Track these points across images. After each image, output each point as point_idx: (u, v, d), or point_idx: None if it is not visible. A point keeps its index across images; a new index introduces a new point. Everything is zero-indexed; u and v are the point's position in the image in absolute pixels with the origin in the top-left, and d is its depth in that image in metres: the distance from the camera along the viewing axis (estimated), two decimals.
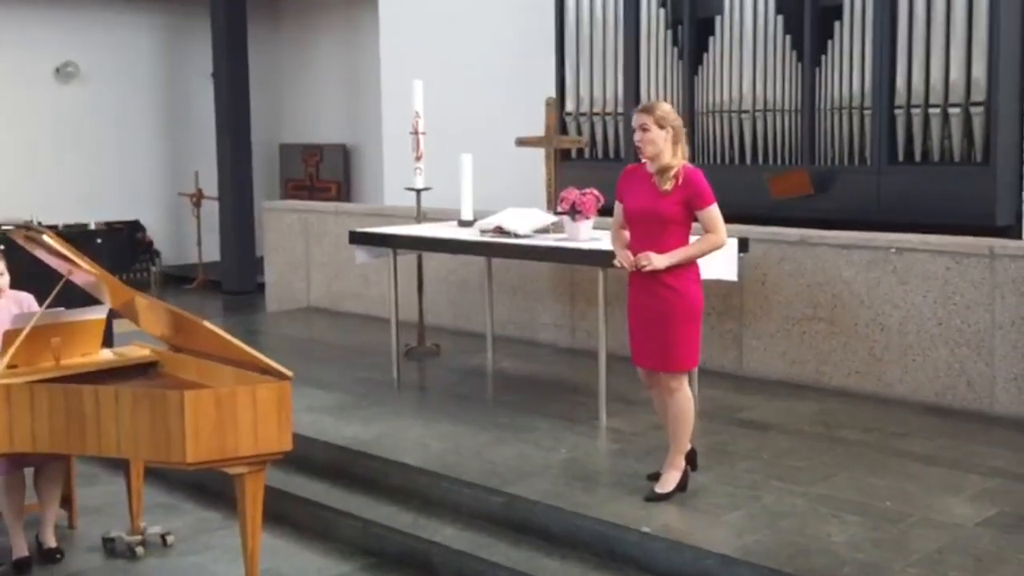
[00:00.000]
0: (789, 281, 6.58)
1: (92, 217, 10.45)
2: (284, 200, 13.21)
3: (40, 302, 4.94)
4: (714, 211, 4.54)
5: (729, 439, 5.44)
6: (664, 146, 4.53)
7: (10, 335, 4.55)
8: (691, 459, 4.80)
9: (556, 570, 4.36)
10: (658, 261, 4.50)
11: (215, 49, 13.42)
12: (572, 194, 6.09)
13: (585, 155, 8.82)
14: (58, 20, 13.42)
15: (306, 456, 5.29)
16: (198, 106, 14.53)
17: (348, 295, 9.54)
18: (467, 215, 7.09)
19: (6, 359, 4.42)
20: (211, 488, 5.70)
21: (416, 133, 7.61)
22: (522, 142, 7.54)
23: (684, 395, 4.64)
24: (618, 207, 4.80)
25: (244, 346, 4.24)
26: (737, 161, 7.83)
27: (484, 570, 4.48)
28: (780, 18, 7.52)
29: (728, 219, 5.95)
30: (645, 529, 4.32)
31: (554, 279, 7.94)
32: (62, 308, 4.68)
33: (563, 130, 8.89)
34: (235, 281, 13.26)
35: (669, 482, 4.66)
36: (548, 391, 6.63)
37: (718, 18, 7.85)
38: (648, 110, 4.56)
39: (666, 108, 4.59)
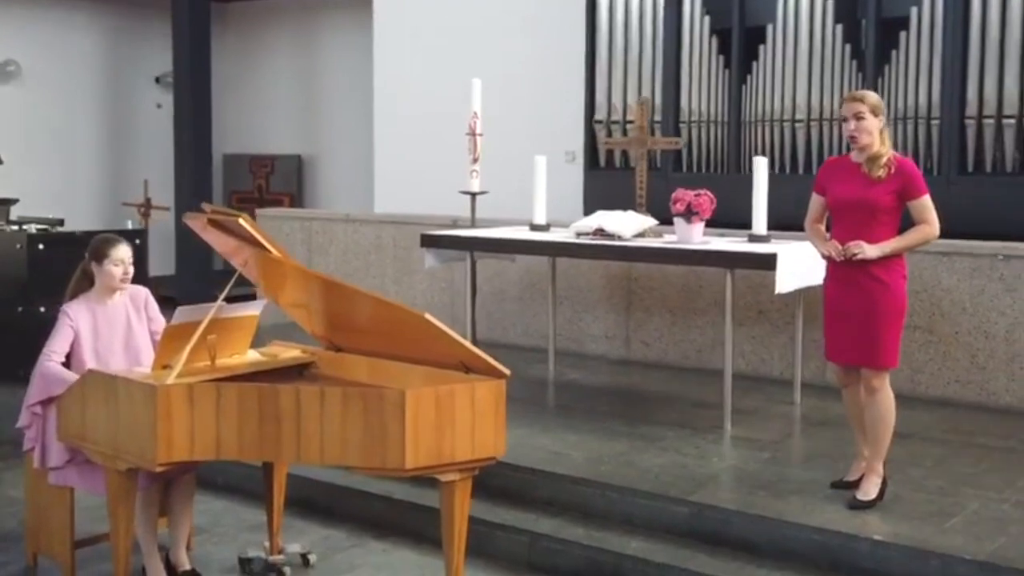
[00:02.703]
0: None
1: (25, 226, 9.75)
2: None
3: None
4: (928, 201, 4.41)
5: None
6: (876, 134, 4.39)
7: (175, 331, 4.07)
8: None
9: None
10: (870, 251, 4.34)
11: (175, 52, 12.81)
12: (687, 195, 5.87)
13: (616, 164, 8.63)
14: (0, 17, 12.60)
15: None
16: (146, 112, 13.84)
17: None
18: (540, 219, 6.80)
19: (183, 356, 3.94)
20: (320, 505, 5.28)
21: (473, 134, 7.29)
22: (610, 144, 7.29)
23: (887, 396, 4.47)
24: (816, 200, 4.66)
25: (459, 339, 3.87)
26: (788, 170, 7.74)
27: None
28: (839, 27, 7.48)
29: (785, 229, 5.87)
30: (877, 537, 4.11)
31: (608, 289, 7.70)
32: (223, 302, 4.22)
33: (593, 140, 8.72)
34: (193, 296, 12.56)
35: (871, 489, 4.47)
36: (642, 402, 6.39)
37: (770, 26, 7.77)
38: (860, 98, 4.42)
39: (875, 96, 4.47)
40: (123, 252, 4.38)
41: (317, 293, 4.20)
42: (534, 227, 6.77)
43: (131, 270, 4.41)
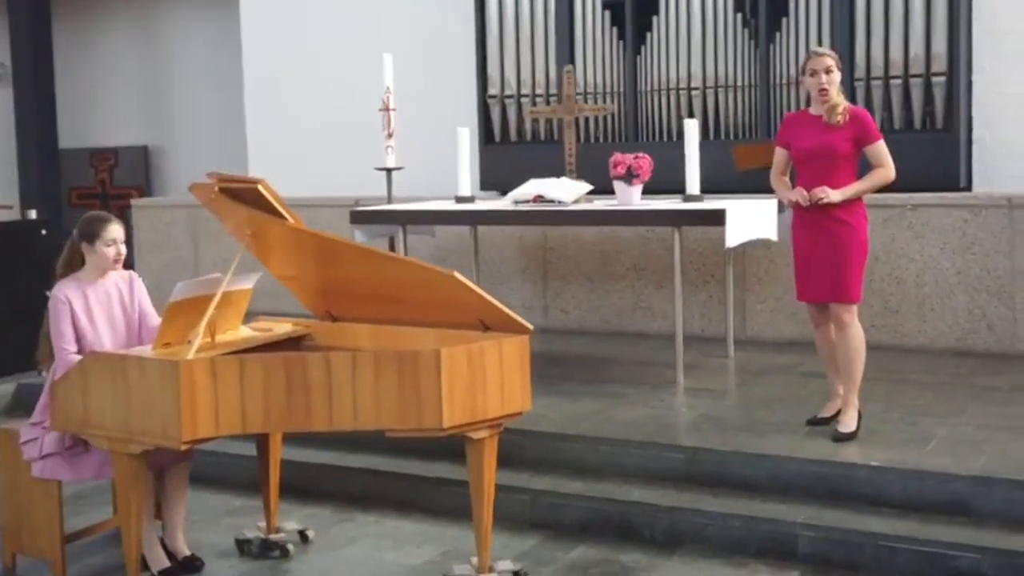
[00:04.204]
0: None
1: None
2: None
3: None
4: (883, 146, 4.72)
5: (826, 387, 5.53)
6: (837, 86, 4.69)
7: (177, 308, 3.93)
8: None
9: (786, 513, 4.30)
10: (834, 195, 4.63)
11: (14, 42, 12.19)
12: (626, 158, 6.03)
13: (511, 138, 8.71)
14: None
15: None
16: None
17: (257, 293, 8.86)
18: (464, 191, 6.82)
19: (201, 331, 3.82)
20: (296, 485, 5.16)
21: (387, 110, 7.25)
22: (535, 113, 7.36)
23: (857, 330, 4.74)
24: (780, 153, 4.91)
25: (487, 296, 3.89)
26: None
27: (709, 523, 4.35)
28: None
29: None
30: (875, 463, 4.36)
31: (523, 260, 7.80)
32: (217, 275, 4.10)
33: (487, 114, 8.78)
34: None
35: (851, 421, 4.74)
36: (585, 365, 6.50)
37: None
38: (827, 54, 4.72)
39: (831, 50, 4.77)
40: (116, 231, 4.19)
41: (334, 259, 4.13)
42: (460, 199, 6.78)
43: (124, 250, 4.24)
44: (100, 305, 4.21)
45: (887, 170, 4.74)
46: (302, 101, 9.78)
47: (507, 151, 8.58)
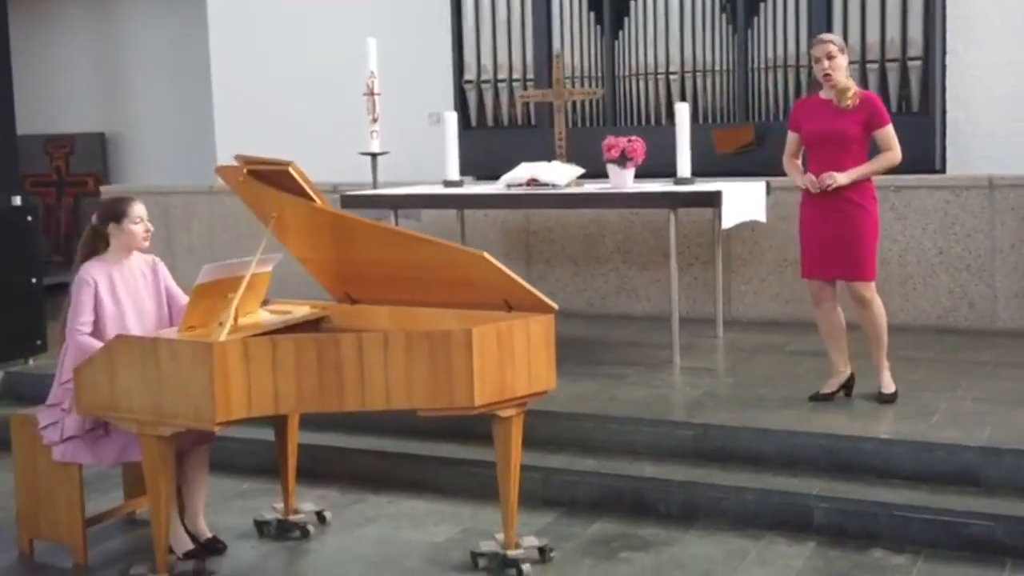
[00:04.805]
0: (782, 225, 6.92)
1: None
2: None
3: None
4: (891, 130, 4.84)
5: (819, 365, 5.66)
6: (844, 70, 4.78)
7: (203, 290, 3.92)
8: (848, 384, 5.04)
9: (799, 485, 4.41)
10: (841, 178, 4.76)
11: None
12: (620, 141, 6.09)
13: (488, 123, 8.73)
14: None
15: (409, 421, 4.88)
16: None
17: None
18: (453, 175, 6.85)
19: (232, 312, 3.82)
20: (303, 467, 5.15)
21: (372, 94, 7.25)
22: (526, 97, 7.39)
23: (879, 303, 4.96)
24: (792, 137, 5.02)
25: (514, 276, 3.95)
26: (664, 122, 8.06)
27: (723, 496, 4.44)
28: None
29: (668, 176, 6.24)
30: (884, 435, 4.48)
31: (506, 244, 7.84)
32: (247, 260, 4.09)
33: (463, 99, 8.78)
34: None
35: (890, 382, 4.97)
36: (578, 348, 6.53)
37: None
38: (830, 40, 4.84)
39: (839, 37, 4.89)
40: (142, 209, 4.19)
41: (359, 241, 4.14)
42: (448, 183, 6.81)
43: (151, 227, 4.22)
44: (127, 287, 4.19)
45: (894, 153, 4.86)
46: (272, 87, 9.70)
47: (484, 136, 8.60)
